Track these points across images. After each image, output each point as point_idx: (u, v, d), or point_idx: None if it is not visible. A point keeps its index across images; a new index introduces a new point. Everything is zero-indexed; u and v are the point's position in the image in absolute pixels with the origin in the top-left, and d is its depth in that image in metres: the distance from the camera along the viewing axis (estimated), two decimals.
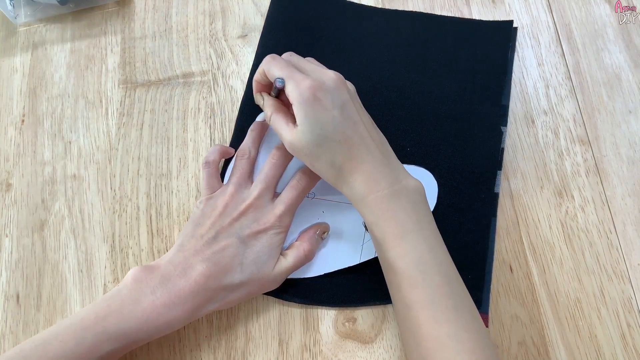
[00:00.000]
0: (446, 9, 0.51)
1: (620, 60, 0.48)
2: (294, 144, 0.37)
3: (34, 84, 0.50)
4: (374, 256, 0.41)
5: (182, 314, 0.35)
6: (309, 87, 0.36)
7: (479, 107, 0.46)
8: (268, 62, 0.39)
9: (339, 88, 0.37)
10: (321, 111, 0.36)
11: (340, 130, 0.36)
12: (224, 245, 0.37)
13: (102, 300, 0.35)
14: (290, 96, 0.36)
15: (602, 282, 0.41)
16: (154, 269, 0.36)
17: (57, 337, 0.34)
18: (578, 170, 0.45)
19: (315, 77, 0.37)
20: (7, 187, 0.46)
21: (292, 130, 0.37)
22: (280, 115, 0.39)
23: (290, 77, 0.37)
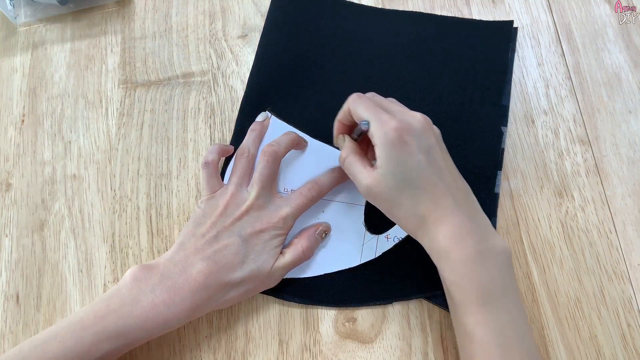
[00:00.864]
0: (446, 9, 0.51)
1: (620, 60, 0.48)
2: (372, 188, 0.35)
3: (34, 83, 0.50)
4: (374, 257, 0.41)
5: (181, 313, 0.35)
6: (395, 129, 0.34)
7: (479, 107, 0.46)
8: (354, 101, 0.37)
9: (425, 131, 0.35)
10: (406, 155, 0.34)
11: (425, 176, 0.34)
12: (226, 244, 0.37)
13: (101, 300, 0.35)
14: (374, 137, 0.35)
15: (602, 282, 0.41)
16: (153, 268, 0.36)
17: (56, 337, 0.34)
18: (578, 170, 0.45)
19: (402, 119, 0.35)
20: (7, 187, 0.46)
21: (370, 173, 0.35)
22: (357, 157, 0.37)
23: (375, 118, 0.35)
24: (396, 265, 0.41)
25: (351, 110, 0.37)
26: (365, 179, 0.35)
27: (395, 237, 0.42)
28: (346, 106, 0.38)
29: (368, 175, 0.35)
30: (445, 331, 0.40)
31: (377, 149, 0.34)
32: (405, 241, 0.41)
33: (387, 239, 0.42)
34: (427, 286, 0.40)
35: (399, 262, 0.41)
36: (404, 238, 0.41)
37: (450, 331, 0.40)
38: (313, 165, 0.44)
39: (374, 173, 0.35)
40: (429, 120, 0.37)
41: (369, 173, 0.35)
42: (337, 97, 0.47)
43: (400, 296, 0.41)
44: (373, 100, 0.37)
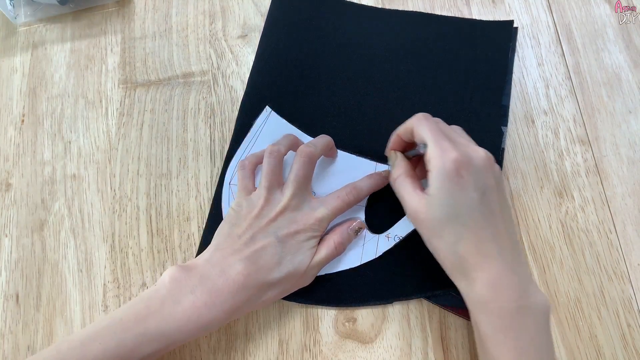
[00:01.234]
0: (446, 9, 0.51)
1: (620, 60, 0.48)
2: (418, 213, 0.34)
3: (33, 83, 0.50)
4: (375, 256, 0.41)
5: (222, 314, 0.35)
6: (454, 160, 0.33)
7: (479, 107, 0.46)
8: (420, 121, 0.36)
9: (485, 170, 0.34)
10: (459, 190, 0.33)
11: (474, 216, 0.33)
12: (263, 245, 0.37)
13: (140, 300, 0.35)
14: (431, 163, 0.34)
15: (602, 282, 0.41)
16: (191, 269, 0.36)
17: (96, 338, 0.33)
18: (578, 170, 0.45)
19: (463, 151, 0.34)
20: (6, 187, 0.46)
21: (420, 197, 0.35)
22: (409, 179, 0.37)
23: (437, 144, 0.34)
24: (396, 264, 0.41)
25: (414, 130, 0.36)
26: (414, 203, 0.35)
27: (395, 236, 0.42)
28: (409, 123, 0.37)
29: (418, 199, 0.35)
30: (445, 331, 0.40)
31: (432, 176, 0.34)
32: (405, 241, 0.41)
33: (388, 239, 0.42)
34: (427, 286, 0.40)
35: (399, 262, 0.41)
36: (404, 237, 0.41)
37: (450, 331, 0.40)
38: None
39: (423, 199, 0.34)
40: (492, 158, 0.35)
41: (418, 197, 0.35)
42: (337, 97, 0.47)
43: (400, 296, 0.41)
44: (438, 125, 0.36)
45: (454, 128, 0.38)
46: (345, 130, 0.45)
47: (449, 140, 0.34)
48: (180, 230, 0.44)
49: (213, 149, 0.46)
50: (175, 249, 0.43)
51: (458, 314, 0.40)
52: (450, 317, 0.40)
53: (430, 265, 0.41)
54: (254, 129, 0.45)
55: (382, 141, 0.45)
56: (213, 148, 0.46)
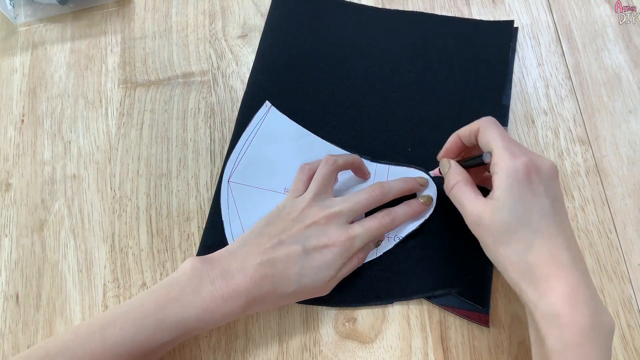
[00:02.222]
0: (446, 9, 0.51)
1: (620, 60, 0.48)
2: (482, 219, 0.33)
3: (33, 83, 0.50)
4: (375, 256, 0.41)
5: (237, 308, 0.35)
6: (525, 164, 0.32)
7: (479, 107, 0.46)
8: (490, 124, 0.35)
9: (555, 178, 0.33)
10: (531, 194, 0.32)
11: (547, 222, 0.31)
12: (287, 251, 0.36)
13: (160, 287, 0.35)
14: (498, 165, 0.33)
15: (602, 282, 0.41)
16: (214, 260, 0.36)
17: (115, 323, 0.33)
18: (578, 170, 0.45)
19: (532, 158, 0.33)
20: (6, 187, 0.46)
21: (484, 203, 0.33)
22: (469, 186, 0.35)
23: (506, 148, 0.33)
24: (397, 264, 0.41)
25: (481, 133, 0.35)
26: (477, 208, 0.33)
27: (396, 236, 0.42)
28: (475, 125, 0.36)
29: (482, 204, 0.33)
30: (445, 331, 0.40)
31: (499, 179, 0.32)
32: (406, 241, 0.41)
33: (388, 239, 0.42)
34: (428, 286, 0.40)
35: (399, 262, 0.41)
36: (404, 237, 0.41)
37: (450, 331, 0.40)
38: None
39: (488, 204, 0.33)
40: (557, 170, 0.34)
41: (482, 202, 0.33)
42: (336, 97, 0.47)
43: (400, 296, 0.40)
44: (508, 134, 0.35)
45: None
46: (345, 129, 0.45)
47: (518, 147, 0.34)
48: (180, 230, 0.44)
49: (213, 149, 0.46)
50: (175, 249, 0.43)
51: (458, 314, 0.40)
52: (450, 317, 0.40)
53: (431, 265, 0.41)
54: (253, 123, 0.45)
55: (382, 141, 0.45)
56: (213, 148, 0.46)
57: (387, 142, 0.45)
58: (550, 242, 0.31)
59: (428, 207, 0.41)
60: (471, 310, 0.39)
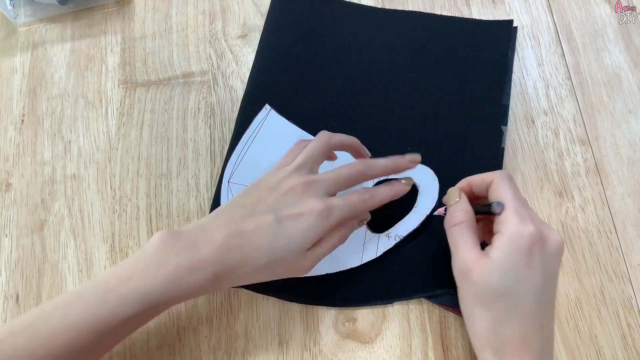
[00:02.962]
0: (446, 9, 0.51)
1: (620, 60, 0.48)
2: (471, 272, 0.32)
3: (33, 83, 0.50)
4: (375, 256, 0.41)
5: (203, 281, 0.33)
6: (531, 235, 0.31)
7: (479, 107, 0.46)
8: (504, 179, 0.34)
9: (556, 256, 0.32)
10: (526, 268, 0.31)
11: (532, 301, 0.31)
12: (259, 221, 0.34)
13: (126, 262, 0.34)
14: (505, 226, 0.32)
15: (602, 282, 0.41)
16: (181, 234, 0.34)
17: (79, 298, 0.32)
18: (578, 170, 0.45)
19: (541, 229, 0.32)
20: (6, 187, 0.46)
21: (479, 257, 0.32)
22: (471, 232, 0.34)
23: (518, 210, 0.32)
24: (397, 264, 0.41)
25: (494, 187, 0.34)
26: (470, 258, 0.32)
27: (396, 235, 0.42)
28: (490, 177, 0.35)
29: (476, 258, 0.32)
30: (445, 331, 0.40)
31: (501, 240, 0.31)
32: (406, 240, 0.41)
33: (388, 238, 0.42)
34: (428, 286, 0.40)
35: (400, 262, 0.41)
36: (405, 237, 0.41)
37: (450, 331, 0.40)
38: None
39: (482, 260, 0.32)
40: (563, 247, 0.33)
41: (477, 256, 0.32)
42: (336, 97, 0.47)
43: (400, 296, 0.40)
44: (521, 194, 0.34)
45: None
46: (345, 129, 0.45)
47: (529, 211, 0.32)
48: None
49: (213, 149, 0.46)
50: None
51: (458, 314, 0.40)
52: (450, 317, 0.40)
53: (431, 265, 0.41)
54: (253, 126, 0.45)
55: (382, 140, 0.45)
56: (213, 148, 0.46)
57: (387, 141, 0.45)
58: (527, 322, 0.31)
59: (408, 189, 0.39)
60: None
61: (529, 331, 0.31)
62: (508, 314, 0.31)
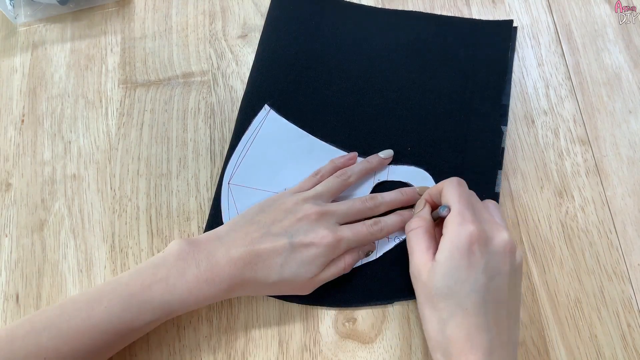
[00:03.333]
0: (446, 9, 0.51)
1: (620, 60, 0.48)
2: (420, 274, 0.33)
3: (33, 83, 0.50)
4: (375, 257, 0.41)
5: (220, 292, 0.35)
6: (470, 234, 0.32)
7: (479, 107, 0.46)
8: (451, 183, 0.36)
9: (502, 254, 0.32)
10: (467, 267, 0.31)
11: (474, 300, 0.31)
12: (274, 243, 0.36)
13: (146, 268, 0.35)
14: (447, 228, 0.33)
15: (602, 282, 0.41)
16: (201, 242, 0.36)
17: (101, 300, 0.33)
18: (578, 170, 0.45)
19: (484, 228, 0.33)
20: (6, 187, 0.46)
21: (428, 259, 0.33)
22: (425, 236, 0.35)
23: (459, 212, 0.33)
24: (397, 265, 0.41)
25: (443, 192, 0.36)
26: (421, 261, 0.33)
27: (396, 237, 0.42)
28: (441, 185, 0.37)
29: (425, 260, 0.33)
30: None
31: (443, 242, 0.33)
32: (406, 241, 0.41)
33: (388, 239, 0.42)
34: None
35: (399, 262, 0.41)
36: (404, 238, 0.41)
37: None
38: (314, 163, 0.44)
39: (430, 262, 0.33)
40: (513, 245, 0.33)
41: (426, 259, 0.33)
42: (336, 96, 0.47)
43: (400, 296, 0.41)
44: (469, 196, 0.35)
45: (488, 204, 0.37)
46: (345, 129, 0.45)
47: (472, 212, 0.33)
48: (180, 230, 0.44)
49: (213, 149, 0.46)
50: None
51: None
52: None
53: None
54: (252, 127, 0.45)
55: (382, 140, 0.45)
56: (213, 148, 0.46)
57: (387, 141, 0.45)
58: (471, 321, 0.31)
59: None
60: None
61: (472, 330, 0.31)
62: (452, 314, 0.31)
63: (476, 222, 0.32)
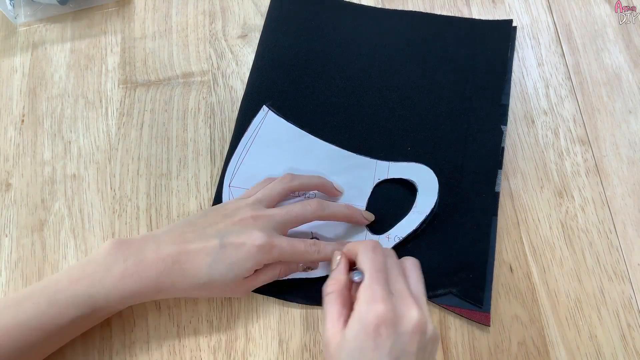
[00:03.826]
0: (446, 9, 0.51)
1: (620, 60, 0.48)
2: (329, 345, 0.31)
3: (33, 83, 0.50)
4: None
5: (144, 289, 0.35)
6: (378, 315, 0.30)
7: (479, 106, 0.46)
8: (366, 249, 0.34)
9: (411, 335, 0.30)
10: (372, 348, 0.30)
11: None
12: (205, 243, 0.36)
13: (77, 265, 0.36)
14: (357, 302, 0.31)
15: (602, 282, 0.41)
16: (132, 241, 0.37)
17: (30, 297, 0.34)
18: (578, 170, 0.45)
19: (394, 307, 0.31)
20: (6, 187, 0.46)
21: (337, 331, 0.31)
22: (339, 301, 0.33)
23: (370, 287, 0.31)
24: None
25: (358, 256, 0.34)
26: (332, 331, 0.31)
27: (396, 236, 0.42)
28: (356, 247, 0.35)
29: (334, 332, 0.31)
30: (445, 331, 0.40)
31: (352, 319, 0.31)
32: (406, 241, 0.41)
33: (388, 239, 0.42)
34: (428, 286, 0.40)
35: None
36: (404, 238, 0.41)
37: (450, 331, 0.40)
38: (313, 163, 0.44)
39: (338, 335, 0.31)
40: (424, 324, 0.31)
41: (336, 330, 0.31)
42: (336, 96, 0.47)
43: None
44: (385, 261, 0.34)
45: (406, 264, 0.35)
46: (345, 129, 0.45)
47: (384, 287, 0.31)
48: None
49: (213, 149, 0.46)
50: None
51: (459, 313, 0.40)
52: (450, 317, 0.40)
53: (431, 265, 0.41)
54: (252, 128, 0.45)
55: (382, 140, 0.45)
56: (213, 148, 0.46)
57: (387, 141, 0.45)
58: None
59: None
60: (472, 309, 0.40)
61: None
62: None
63: (386, 300, 0.31)
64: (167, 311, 0.41)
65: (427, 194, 0.42)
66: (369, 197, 0.43)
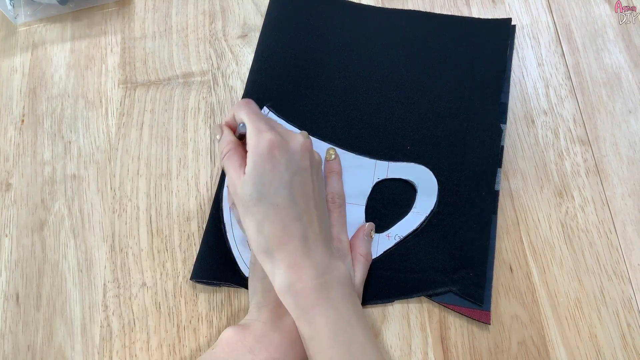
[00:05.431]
0: (446, 9, 0.51)
1: (620, 60, 0.48)
2: (235, 188, 0.35)
3: (33, 83, 0.50)
4: (375, 256, 0.41)
5: None
6: (268, 141, 0.34)
7: (478, 105, 0.46)
8: (239, 105, 0.38)
9: (301, 152, 0.36)
10: (271, 169, 0.34)
11: (283, 196, 0.34)
12: None
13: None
14: (247, 143, 0.35)
15: (602, 282, 0.41)
16: (245, 329, 0.35)
17: None
18: (578, 170, 0.45)
19: (279, 133, 0.36)
20: (6, 187, 0.46)
21: (240, 175, 0.35)
22: (236, 156, 0.37)
23: (254, 125, 0.36)
24: (397, 264, 0.41)
25: (235, 116, 0.38)
26: (233, 179, 0.36)
27: (396, 235, 0.42)
28: (232, 110, 0.39)
29: (237, 176, 0.35)
30: (445, 331, 0.40)
31: (248, 155, 0.35)
32: (406, 240, 0.41)
33: (388, 238, 0.42)
34: (428, 285, 0.40)
35: (399, 261, 0.41)
36: (404, 237, 0.41)
37: (450, 331, 0.40)
38: None
39: (241, 177, 0.35)
40: (309, 144, 0.37)
41: (238, 174, 0.35)
42: (336, 96, 0.47)
43: (400, 295, 0.40)
44: (259, 112, 0.38)
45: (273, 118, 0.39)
46: (345, 129, 0.45)
47: (266, 122, 0.36)
48: (180, 230, 0.44)
49: (213, 149, 0.46)
50: (175, 249, 0.43)
51: (460, 312, 0.40)
52: (450, 317, 0.40)
53: (431, 264, 0.41)
54: None
55: (381, 139, 0.45)
56: (213, 148, 0.46)
57: (386, 140, 0.45)
58: (283, 213, 0.34)
59: None
60: (472, 308, 0.40)
61: (286, 222, 0.34)
62: (266, 214, 0.34)
63: (272, 130, 0.35)
64: (167, 311, 0.41)
65: (427, 194, 0.43)
66: (368, 197, 0.43)
